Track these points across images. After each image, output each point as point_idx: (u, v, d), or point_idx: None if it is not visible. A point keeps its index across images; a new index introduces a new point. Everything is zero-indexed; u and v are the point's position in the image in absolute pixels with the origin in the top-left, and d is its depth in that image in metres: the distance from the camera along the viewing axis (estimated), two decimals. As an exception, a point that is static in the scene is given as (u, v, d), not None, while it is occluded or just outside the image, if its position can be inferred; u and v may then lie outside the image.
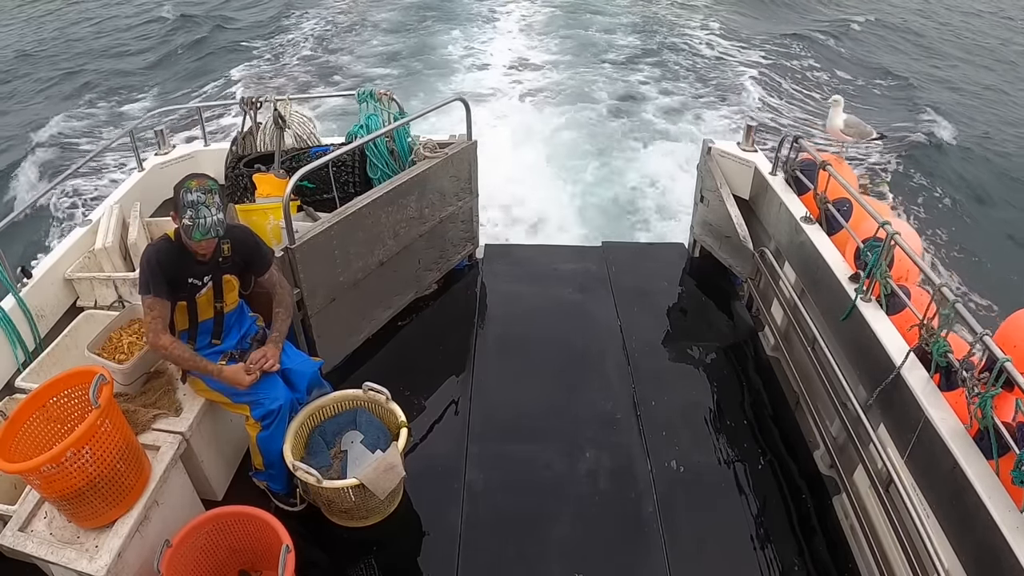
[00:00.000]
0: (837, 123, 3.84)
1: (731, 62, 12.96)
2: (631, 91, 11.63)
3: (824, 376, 3.35)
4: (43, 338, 3.46)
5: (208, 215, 2.49)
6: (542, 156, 9.10)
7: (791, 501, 3.21)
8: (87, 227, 3.94)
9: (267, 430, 2.87)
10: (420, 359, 4.09)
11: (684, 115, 10.70)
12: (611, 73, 12.41)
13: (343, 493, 2.81)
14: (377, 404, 3.18)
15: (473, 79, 12.18)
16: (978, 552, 2.20)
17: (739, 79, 12.10)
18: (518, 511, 3.16)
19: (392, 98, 4.30)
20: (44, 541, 2.42)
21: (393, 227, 4.01)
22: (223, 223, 2.57)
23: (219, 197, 2.54)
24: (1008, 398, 2.27)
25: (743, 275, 4.51)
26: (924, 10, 17.17)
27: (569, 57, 13.13)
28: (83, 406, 2.46)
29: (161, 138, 4.71)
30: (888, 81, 12.48)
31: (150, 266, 2.60)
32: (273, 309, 3.02)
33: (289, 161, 4.11)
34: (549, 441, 3.51)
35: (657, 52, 13.49)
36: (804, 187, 3.87)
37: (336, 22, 15.57)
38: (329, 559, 2.98)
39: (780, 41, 13.93)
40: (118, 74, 13.15)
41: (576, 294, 4.65)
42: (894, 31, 15.27)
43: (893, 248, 2.88)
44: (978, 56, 14.25)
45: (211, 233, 2.52)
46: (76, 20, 16.93)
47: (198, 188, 2.50)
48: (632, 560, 2.93)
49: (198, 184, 2.52)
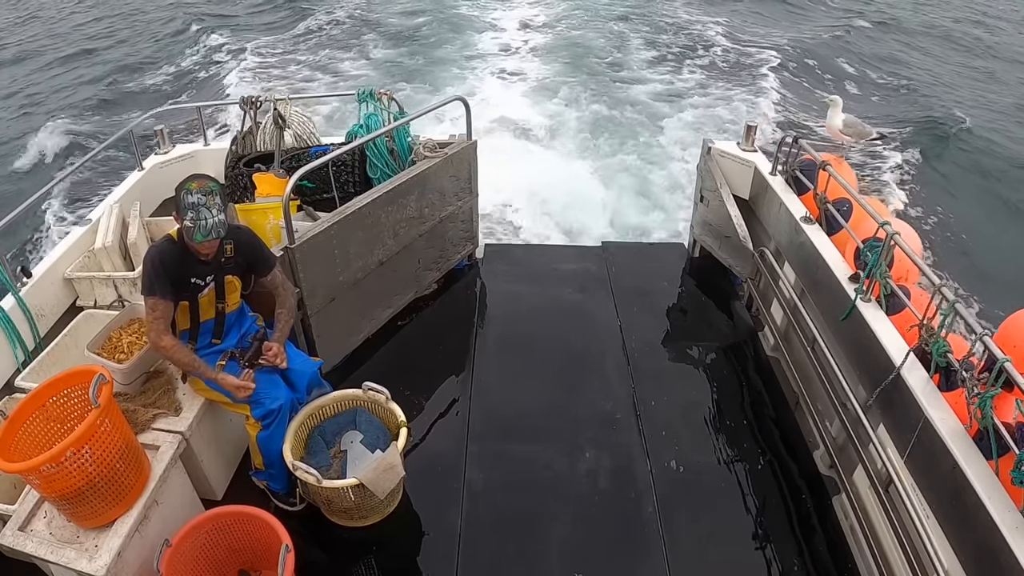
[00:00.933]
0: (836, 123, 3.84)
1: (742, 62, 12.94)
2: (635, 91, 11.62)
3: (824, 376, 3.35)
4: (43, 338, 3.45)
5: (209, 216, 2.50)
6: (546, 155, 9.11)
7: (791, 501, 3.21)
8: (87, 227, 3.94)
9: (267, 430, 2.87)
10: (420, 359, 4.09)
11: (686, 116, 10.69)
12: (616, 72, 12.41)
13: (343, 493, 2.81)
14: (377, 404, 3.18)
15: (476, 77, 12.20)
16: (978, 552, 2.20)
17: (749, 79, 12.09)
18: (518, 511, 3.16)
19: (392, 98, 4.31)
20: (44, 541, 2.42)
21: (393, 227, 4.01)
22: (224, 224, 2.57)
23: (220, 198, 2.54)
24: (1008, 398, 2.27)
25: (743, 275, 4.51)
26: (928, 9, 17.15)
27: (571, 58, 13.15)
28: (83, 406, 2.46)
29: (161, 137, 4.71)
30: (890, 81, 12.47)
31: (153, 267, 2.60)
32: (276, 310, 3.01)
33: (289, 161, 4.11)
34: (549, 441, 3.51)
35: (665, 48, 13.53)
36: (804, 187, 3.87)
37: (338, 21, 15.56)
38: (329, 559, 2.98)
39: (789, 41, 13.91)
40: (119, 73, 13.14)
41: (576, 294, 4.65)
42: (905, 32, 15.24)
43: (893, 248, 2.88)
44: (982, 55, 14.23)
45: (212, 234, 2.53)
46: (76, 20, 16.92)
47: (199, 190, 2.50)
48: (632, 560, 2.92)
49: (199, 186, 2.52)
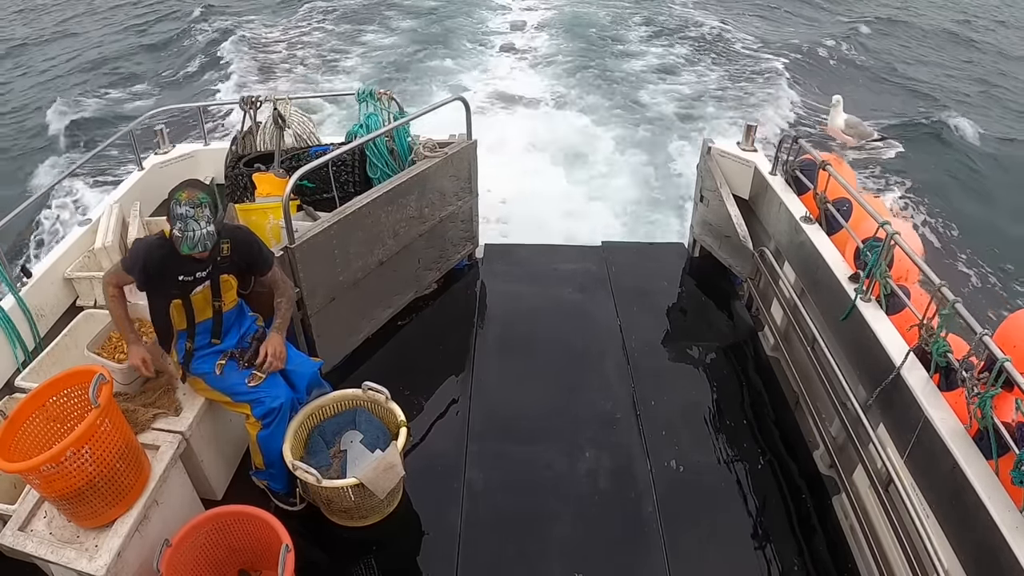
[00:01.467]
0: (838, 123, 3.85)
1: (743, 63, 12.92)
2: (639, 91, 11.61)
3: (824, 376, 3.35)
4: (43, 337, 3.45)
5: (197, 229, 2.48)
6: (548, 155, 9.12)
7: (791, 501, 3.21)
8: (87, 226, 3.94)
9: (267, 429, 2.88)
10: (420, 359, 4.09)
11: (690, 115, 10.68)
12: (622, 75, 12.41)
13: (343, 492, 2.81)
14: (377, 404, 3.18)
15: (476, 76, 12.20)
16: (978, 552, 2.20)
17: (750, 79, 12.07)
18: (518, 511, 3.16)
19: (392, 97, 4.30)
20: (44, 541, 2.42)
21: (393, 227, 4.01)
22: (212, 236, 2.54)
23: (210, 209, 2.52)
24: (1008, 398, 2.27)
25: (743, 275, 4.51)
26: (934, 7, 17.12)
27: (579, 59, 13.15)
28: (83, 405, 2.46)
29: (161, 137, 4.71)
30: (890, 81, 12.46)
31: (136, 251, 2.68)
32: (275, 300, 3.02)
33: (289, 160, 4.11)
34: (549, 441, 3.51)
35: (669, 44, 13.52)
36: (804, 187, 3.87)
37: (342, 19, 15.55)
38: (329, 559, 2.98)
39: (790, 42, 13.89)
40: (119, 72, 13.14)
41: (576, 294, 4.65)
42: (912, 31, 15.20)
43: (893, 248, 2.88)
44: (988, 55, 14.22)
45: (199, 247, 2.52)
46: (76, 19, 16.91)
47: (187, 202, 2.47)
48: (632, 560, 2.92)
49: (188, 197, 2.48)
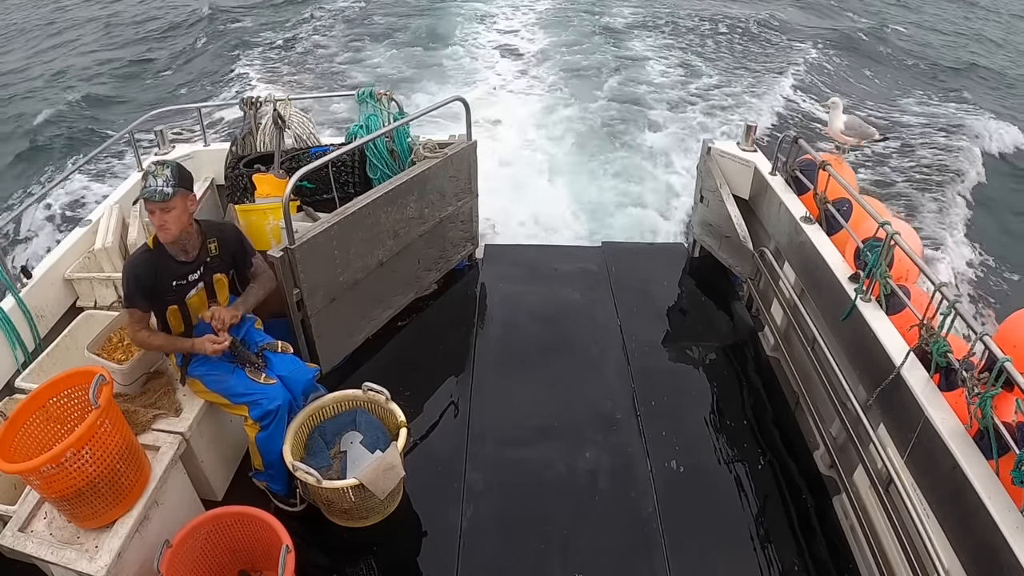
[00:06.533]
0: (837, 125, 3.83)
1: (744, 62, 12.92)
2: (640, 91, 11.60)
3: (824, 376, 3.35)
4: (43, 338, 3.45)
5: (154, 182, 2.57)
6: (547, 156, 9.11)
7: (791, 501, 3.21)
8: (87, 227, 3.94)
9: (266, 430, 2.88)
10: (420, 359, 4.09)
11: (691, 115, 10.68)
12: (622, 72, 12.40)
13: (343, 493, 2.81)
14: (377, 404, 3.18)
15: (474, 75, 12.19)
16: (978, 552, 2.20)
17: (750, 78, 12.06)
18: (518, 511, 3.15)
19: (392, 98, 4.31)
20: (44, 541, 2.42)
21: (393, 227, 4.01)
22: (165, 193, 2.56)
23: (171, 172, 2.60)
24: (1008, 398, 2.27)
25: (743, 275, 4.51)
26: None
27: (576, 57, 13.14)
28: (83, 406, 2.46)
29: (161, 138, 4.71)
30: (891, 81, 12.46)
31: (127, 280, 2.71)
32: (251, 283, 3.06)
33: (289, 161, 4.11)
34: (549, 441, 3.50)
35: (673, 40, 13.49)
36: (804, 187, 3.87)
37: (341, 20, 15.56)
38: (329, 559, 2.98)
39: (790, 41, 13.88)
40: (119, 73, 13.14)
41: (576, 294, 4.65)
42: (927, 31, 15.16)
43: (893, 248, 2.88)
44: (989, 54, 14.21)
45: (154, 196, 2.55)
46: (76, 18, 16.91)
47: (155, 163, 2.66)
48: (632, 560, 2.92)
49: (157, 161, 2.69)
